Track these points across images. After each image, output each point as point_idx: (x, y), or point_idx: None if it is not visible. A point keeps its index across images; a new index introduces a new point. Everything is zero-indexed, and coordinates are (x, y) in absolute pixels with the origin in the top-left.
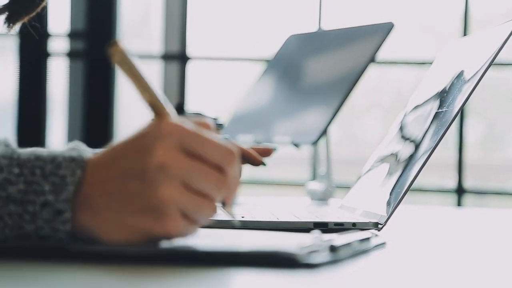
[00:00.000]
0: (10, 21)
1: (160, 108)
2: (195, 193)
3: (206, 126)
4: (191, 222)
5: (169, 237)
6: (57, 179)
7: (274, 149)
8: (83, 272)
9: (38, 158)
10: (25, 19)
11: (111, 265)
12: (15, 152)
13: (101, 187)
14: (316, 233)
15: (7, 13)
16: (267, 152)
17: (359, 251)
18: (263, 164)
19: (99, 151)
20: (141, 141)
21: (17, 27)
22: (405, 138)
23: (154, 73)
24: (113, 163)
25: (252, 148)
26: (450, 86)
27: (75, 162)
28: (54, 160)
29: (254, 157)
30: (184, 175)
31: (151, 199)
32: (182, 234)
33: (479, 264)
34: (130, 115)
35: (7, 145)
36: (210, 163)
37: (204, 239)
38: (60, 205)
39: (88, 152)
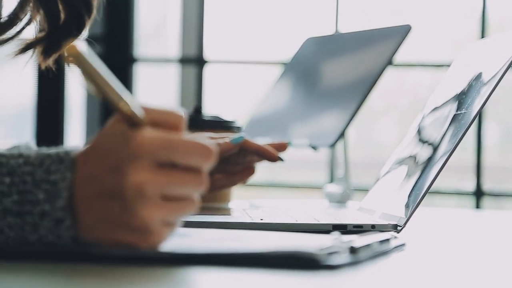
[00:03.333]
0: (47, 53)
1: (117, 102)
2: (175, 200)
3: (176, 127)
4: (173, 226)
5: (154, 248)
6: (49, 186)
7: (289, 143)
8: (81, 273)
9: (26, 162)
10: (63, 51)
11: (122, 267)
12: (1, 156)
13: (84, 205)
14: (336, 234)
15: (44, 44)
16: (282, 147)
17: (379, 253)
18: (281, 159)
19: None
20: (114, 160)
21: (52, 59)
22: (423, 140)
23: (171, 76)
24: (91, 179)
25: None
26: (468, 88)
27: (64, 164)
28: (43, 164)
29: (271, 153)
30: (162, 190)
31: (132, 220)
32: (165, 241)
33: (498, 266)
34: None
35: (28, 149)
36: (187, 167)
37: (224, 241)
38: (59, 214)
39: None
